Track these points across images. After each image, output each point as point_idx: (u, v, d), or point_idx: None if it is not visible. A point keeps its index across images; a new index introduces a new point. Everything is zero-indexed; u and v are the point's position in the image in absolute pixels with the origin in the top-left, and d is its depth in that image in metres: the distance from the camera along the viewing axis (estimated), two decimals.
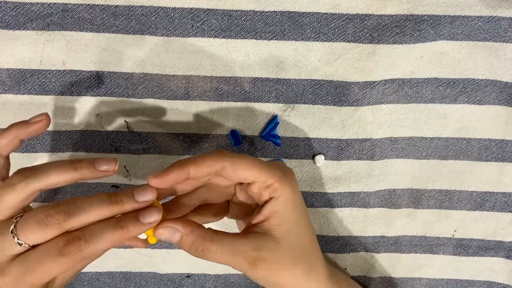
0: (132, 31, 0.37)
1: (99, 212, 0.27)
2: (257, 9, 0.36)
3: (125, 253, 0.42)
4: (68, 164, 0.29)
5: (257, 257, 0.29)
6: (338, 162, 0.40)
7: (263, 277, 0.30)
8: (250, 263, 0.29)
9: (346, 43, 0.37)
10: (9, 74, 0.37)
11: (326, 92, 0.38)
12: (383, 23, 0.37)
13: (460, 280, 0.44)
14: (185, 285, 0.43)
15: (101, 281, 0.43)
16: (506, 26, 0.37)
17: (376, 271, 0.43)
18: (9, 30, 0.36)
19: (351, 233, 0.42)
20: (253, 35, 0.37)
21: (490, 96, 0.39)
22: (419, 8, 0.37)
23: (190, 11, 0.36)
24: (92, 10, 0.36)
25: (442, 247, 0.43)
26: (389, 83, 0.38)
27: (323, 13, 0.37)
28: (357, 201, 0.41)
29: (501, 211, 0.42)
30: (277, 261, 0.30)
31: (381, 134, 0.40)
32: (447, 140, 0.40)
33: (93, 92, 0.38)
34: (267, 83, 0.38)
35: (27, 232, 0.27)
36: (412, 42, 0.37)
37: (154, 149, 0.39)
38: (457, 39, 0.38)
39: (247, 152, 0.40)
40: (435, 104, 0.39)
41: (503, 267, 0.43)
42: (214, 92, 0.38)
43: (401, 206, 0.42)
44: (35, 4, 0.36)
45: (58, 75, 0.37)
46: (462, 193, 0.41)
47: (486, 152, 0.40)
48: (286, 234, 0.30)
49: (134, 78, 0.38)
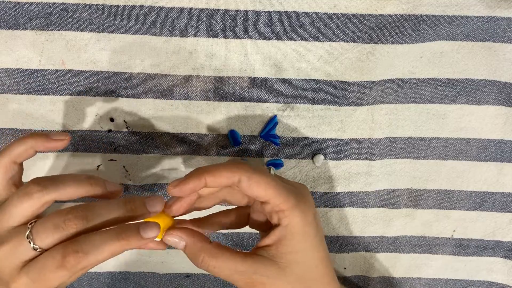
0: (131, 31, 0.37)
1: (115, 219, 0.28)
2: (256, 9, 0.36)
3: (125, 253, 0.42)
4: (85, 179, 0.30)
5: (255, 281, 0.29)
6: (337, 162, 0.40)
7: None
8: (247, 284, 0.29)
9: (345, 43, 0.37)
10: (8, 74, 0.37)
11: (325, 92, 0.39)
12: (382, 23, 0.37)
13: (459, 280, 0.44)
14: (185, 285, 0.43)
15: (101, 281, 0.43)
16: (505, 26, 0.37)
17: (375, 271, 0.43)
18: (8, 30, 0.36)
19: (350, 233, 0.42)
20: (252, 35, 0.37)
21: (489, 96, 0.39)
22: (418, 8, 0.37)
23: (190, 11, 0.36)
24: (92, 10, 0.36)
25: (441, 247, 0.43)
26: (388, 83, 0.38)
27: (323, 13, 0.37)
28: (356, 201, 0.41)
29: (500, 211, 0.42)
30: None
31: (380, 134, 0.40)
32: (446, 140, 0.40)
33: (92, 92, 0.38)
34: (266, 83, 0.38)
35: (43, 236, 0.27)
36: (411, 42, 0.37)
37: (153, 149, 0.39)
38: (456, 39, 0.38)
39: (246, 152, 0.40)
40: (434, 104, 0.39)
41: (502, 267, 0.43)
42: (213, 92, 0.38)
43: (400, 206, 0.42)
44: (34, 4, 0.36)
45: (58, 75, 0.37)
46: (461, 193, 0.41)
47: (485, 152, 0.40)
48: (292, 263, 0.30)
49: (133, 78, 0.38)
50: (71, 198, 0.29)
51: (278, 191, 0.29)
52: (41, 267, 0.27)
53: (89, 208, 0.28)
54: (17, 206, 0.28)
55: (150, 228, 0.28)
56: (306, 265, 0.30)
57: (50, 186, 0.28)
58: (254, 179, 0.29)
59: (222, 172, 0.29)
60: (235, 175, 0.29)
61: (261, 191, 0.29)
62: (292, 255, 0.30)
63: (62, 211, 0.28)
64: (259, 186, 0.29)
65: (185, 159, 0.40)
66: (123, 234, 0.28)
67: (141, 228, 0.28)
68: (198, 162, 0.40)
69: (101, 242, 0.27)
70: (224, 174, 0.29)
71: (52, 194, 0.28)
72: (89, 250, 0.27)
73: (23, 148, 0.31)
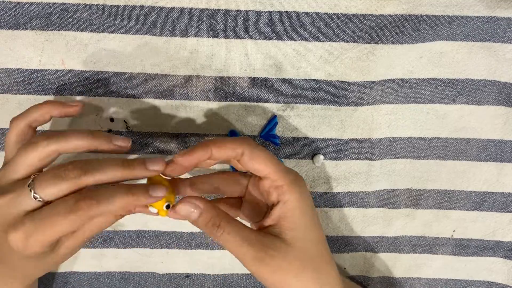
0: (131, 31, 0.37)
1: (112, 173, 0.29)
2: (256, 9, 0.36)
3: (124, 253, 0.42)
4: (87, 131, 0.31)
5: (265, 253, 0.29)
6: (337, 162, 0.40)
7: (268, 279, 0.30)
8: (256, 257, 0.29)
9: (345, 43, 0.37)
10: (8, 74, 0.37)
11: (325, 92, 0.39)
12: (382, 23, 0.37)
13: (459, 280, 0.44)
14: (184, 285, 0.43)
15: (100, 281, 0.43)
16: (505, 27, 0.37)
17: (375, 271, 0.43)
18: (8, 30, 0.36)
19: (350, 233, 0.42)
20: (252, 35, 0.37)
21: (489, 96, 0.39)
22: (418, 8, 0.37)
23: (189, 11, 0.36)
24: (92, 10, 0.36)
25: (441, 247, 0.43)
26: (388, 83, 0.38)
27: (322, 13, 0.37)
28: (356, 201, 0.41)
29: (500, 211, 0.42)
30: (284, 263, 0.29)
31: (380, 134, 0.40)
32: (446, 140, 0.40)
33: (92, 92, 0.38)
34: (266, 83, 0.38)
35: (44, 185, 0.28)
36: (411, 42, 0.37)
37: (153, 149, 0.39)
38: (456, 39, 0.38)
39: None
40: (434, 104, 0.39)
41: (501, 267, 0.43)
42: (213, 92, 0.38)
43: (400, 206, 0.42)
44: (34, 4, 0.36)
45: (57, 75, 0.37)
46: (461, 193, 0.41)
47: (485, 152, 0.40)
48: (296, 239, 0.30)
49: (133, 78, 0.38)
50: (75, 149, 0.30)
51: (278, 167, 0.31)
52: (50, 211, 0.28)
53: (88, 161, 0.29)
54: (23, 155, 0.30)
55: (158, 187, 0.30)
56: (308, 242, 0.31)
57: (55, 136, 0.30)
58: (256, 153, 0.31)
59: (228, 144, 0.30)
60: (239, 148, 0.30)
61: (262, 165, 0.31)
62: (295, 231, 0.30)
63: (62, 163, 0.29)
64: (260, 161, 0.31)
65: None
66: (133, 189, 0.29)
67: (150, 187, 0.30)
68: None
69: (111, 194, 0.29)
70: (229, 146, 0.30)
71: (56, 144, 0.30)
72: (100, 200, 0.28)
73: (40, 113, 0.33)
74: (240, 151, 0.30)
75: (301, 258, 0.30)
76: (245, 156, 0.30)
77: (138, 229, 0.41)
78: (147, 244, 0.42)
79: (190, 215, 0.31)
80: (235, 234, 0.30)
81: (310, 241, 0.31)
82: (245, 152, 0.30)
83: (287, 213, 0.30)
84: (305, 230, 0.31)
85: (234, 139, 0.31)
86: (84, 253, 0.42)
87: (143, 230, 0.41)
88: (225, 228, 0.30)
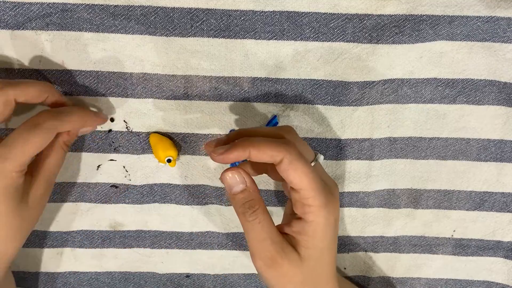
0: (131, 31, 0.37)
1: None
2: (256, 9, 0.36)
3: (125, 253, 0.42)
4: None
5: (280, 258, 0.29)
6: (337, 162, 0.40)
7: (271, 280, 0.30)
8: (271, 258, 0.29)
9: (345, 43, 0.37)
10: (8, 74, 0.37)
11: (325, 92, 0.39)
12: (382, 23, 0.37)
13: (459, 280, 0.44)
14: (184, 285, 0.43)
15: (100, 281, 0.43)
16: (505, 26, 0.37)
17: (375, 271, 0.43)
18: (8, 30, 0.36)
19: (350, 233, 0.42)
20: (252, 35, 0.37)
21: (489, 96, 0.39)
22: (418, 8, 0.37)
23: (189, 11, 0.36)
24: (92, 10, 0.36)
25: (441, 247, 0.43)
26: (388, 83, 0.38)
27: (322, 13, 0.37)
28: (356, 201, 0.41)
29: (500, 211, 0.42)
30: (290, 273, 0.30)
31: (380, 134, 0.40)
32: (446, 140, 0.40)
33: (92, 92, 0.38)
34: (266, 83, 0.38)
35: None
36: (411, 42, 0.37)
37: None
38: (456, 39, 0.38)
39: None
40: (434, 104, 0.39)
41: (502, 267, 0.43)
42: (213, 92, 0.38)
43: (400, 206, 0.42)
44: (34, 4, 0.36)
45: (57, 75, 0.37)
46: (461, 193, 0.41)
47: (485, 152, 0.40)
48: (309, 258, 0.30)
49: (133, 78, 0.38)
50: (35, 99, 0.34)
51: (312, 185, 0.29)
52: (17, 131, 0.30)
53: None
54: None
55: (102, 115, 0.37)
56: (319, 263, 0.31)
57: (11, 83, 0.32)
58: (294, 165, 0.29)
59: (267, 149, 0.29)
60: (279, 155, 0.29)
61: (297, 178, 0.29)
62: (311, 250, 0.30)
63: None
64: (296, 173, 0.29)
65: (185, 159, 0.40)
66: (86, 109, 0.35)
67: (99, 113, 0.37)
68: (198, 161, 0.40)
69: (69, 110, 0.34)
70: (269, 152, 0.29)
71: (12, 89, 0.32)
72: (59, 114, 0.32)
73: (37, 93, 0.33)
74: (279, 158, 0.29)
75: (306, 275, 0.30)
76: (283, 164, 0.29)
77: (138, 229, 0.41)
78: (147, 244, 0.42)
79: (233, 187, 0.30)
80: (264, 226, 0.29)
81: (322, 262, 0.31)
82: (284, 161, 0.29)
83: (309, 232, 0.30)
84: (322, 252, 0.31)
85: (275, 144, 0.29)
86: (84, 253, 0.42)
87: (143, 230, 0.41)
88: (258, 215, 0.29)
